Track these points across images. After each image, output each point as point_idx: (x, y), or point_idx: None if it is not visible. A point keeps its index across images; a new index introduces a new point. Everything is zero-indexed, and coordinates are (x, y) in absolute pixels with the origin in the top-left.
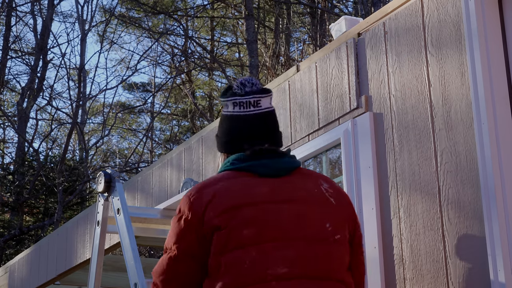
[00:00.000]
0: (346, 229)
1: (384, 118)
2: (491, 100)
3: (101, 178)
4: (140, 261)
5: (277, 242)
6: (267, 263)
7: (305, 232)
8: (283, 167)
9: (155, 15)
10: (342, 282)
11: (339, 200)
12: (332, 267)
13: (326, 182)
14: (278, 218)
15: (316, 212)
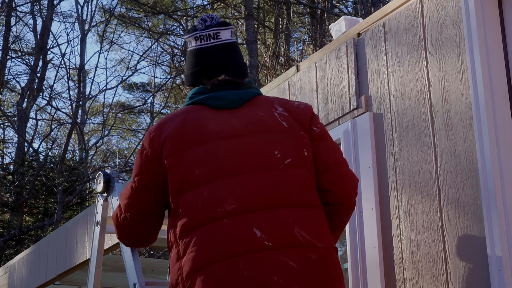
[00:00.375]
0: (301, 145)
1: (384, 118)
2: (490, 100)
3: (100, 178)
4: (139, 262)
5: (226, 179)
6: (218, 201)
7: (253, 164)
8: (237, 98)
9: (155, 15)
10: (299, 205)
11: (293, 117)
12: (283, 194)
13: (281, 105)
14: (227, 154)
15: (265, 142)
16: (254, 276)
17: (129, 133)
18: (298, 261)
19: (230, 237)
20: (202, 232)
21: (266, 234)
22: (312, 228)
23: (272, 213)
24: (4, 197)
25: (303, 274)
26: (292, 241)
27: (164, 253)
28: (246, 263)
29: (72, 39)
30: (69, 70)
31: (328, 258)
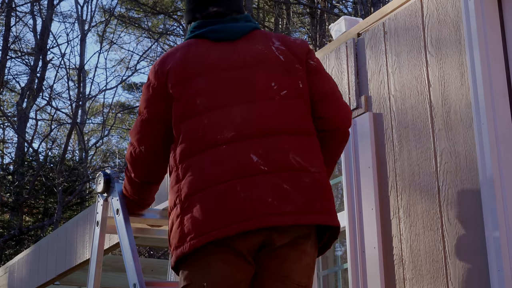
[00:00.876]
0: (297, 77)
1: (383, 118)
2: (490, 100)
3: (100, 178)
4: (139, 262)
5: (226, 108)
6: (217, 129)
7: (251, 95)
8: (236, 31)
9: (154, 15)
10: (294, 133)
11: (290, 51)
12: (279, 122)
13: (278, 40)
14: (227, 85)
15: (262, 74)
16: (250, 197)
17: (129, 133)
18: (292, 184)
19: (228, 162)
20: (202, 158)
21: (262, 159)
22: (306, 154)
23: (269, 140)
24: (4, 197)
25: (297, 196)
26: (287, 165)
27: (164, 253)
28: (243, 186)
29: (72, 39)
30: (69, 70)
31: (321, 182)
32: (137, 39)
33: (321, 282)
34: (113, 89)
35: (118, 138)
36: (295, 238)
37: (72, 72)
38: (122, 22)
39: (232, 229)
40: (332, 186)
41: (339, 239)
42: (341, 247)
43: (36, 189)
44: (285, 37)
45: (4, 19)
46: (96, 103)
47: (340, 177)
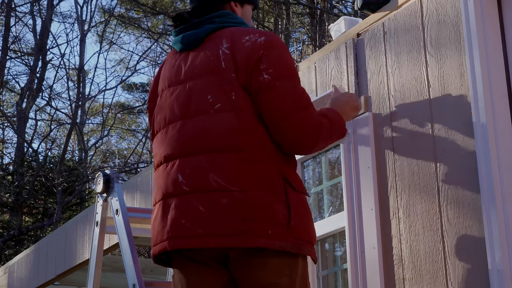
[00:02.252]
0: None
1: (383, 118)
2: (490, 101)
3: (100, 178)
4: (138, 262)
5: (170, 125)
6: (164, 147)
7: (189, 110)
8: (189, 41)
9: (154, 15)
10: (219, 150)
11: (234, 56)
12: (205, 139)
13: (228, 41)
14: (172, 101)
15: (201, 87)
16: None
17: (128, 134)
18: (207, 206)
19: (164, 181)
20: (156, 174)
21: (186, 179)
22: (229, 173)
23: (194, 159)
24: (3, 197)
25: (210, 218)
26: (205, 186)
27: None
28: (168, 205)
29: (71, 40)
30: (69, 70)
31: (242, 201)
32: (136, 39)
33: (320, 283)
34: (112, 89)
35: (118, 139)
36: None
37: (72, 72)
38: (122, 22)
39: (155, 249)
40: (332, 186)
41: (338, 239)
42: (341, 248)
43: (35, 189)
44: (241, 37)
45: (4, 19)
46: (95, 103)
47: (339, 177)
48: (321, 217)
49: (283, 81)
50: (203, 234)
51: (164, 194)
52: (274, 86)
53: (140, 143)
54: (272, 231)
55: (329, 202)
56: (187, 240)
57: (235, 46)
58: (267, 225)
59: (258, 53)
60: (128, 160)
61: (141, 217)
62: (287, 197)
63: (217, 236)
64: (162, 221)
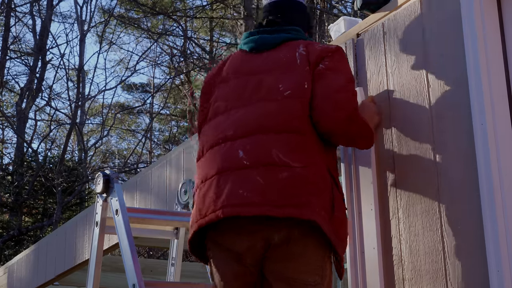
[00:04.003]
0: (304, 78)
1: (383, 118)
2: (490, 101)
3: (99, 179)
4: (138, 262)
5: (233, 110)
6: (223, 128)
7: (256, 97)
8: (265, 42)
9: (154, 15)
10: (284, 131)
11: (308, 55)
12: (271, 121)
13: (305, 46)
14: (241, 88)
15: (274, 78)
16: (227, 189)
17: (128, 134)
18: (266, 178)
19: (220, 158)
20: (208, 154)
21: (247, 155)
22: (291, 150)
23: (258, 137)
24: (3, 197)
25: (268, 188)
26: (267, 160)
27: (163, 254)
28: (225, 179)
29: (71, 40)
30: (68, 70)
31: (303, 176)
32: (136, 40)
33: None
34: (112, 89)
35: (118, 139)
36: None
37: (72, 72)
38: (122, 22)
39: (204, 221)
40: None
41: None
42: None
43: (35, 190)
44: (312, 43)
45: (4, 19)
46: (95, 103)
47: (339, 178)
48: None
49: (334, 73)
50: (260, 202)
51: (220, 169)
52: (325, 75)
53: (140, 144)
54: (323, 213)
55: None
56: (244, 207)
57: (310, 49)
58: (321, 207)
59: (326, 53)
60: (128, 160)
61: (141, 217)
62: (333, 196)
63: (275, 206)
64: (215, 193)
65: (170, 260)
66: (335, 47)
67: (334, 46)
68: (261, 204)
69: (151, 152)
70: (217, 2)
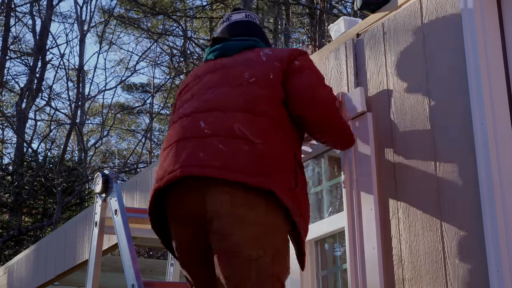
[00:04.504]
0: (270, 69)
1: (383, 118)
2: (490, 101)
3: (98, 179)
4: (137, 262)
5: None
6: (186, 108)
7: (222, 83)
8: (229, 48)
9: (154, 15)
10: (247, 111)
11: (274, 54)
12: (236, 101)
13: (270, 50)
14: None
15: (240, 68)
16: (186, 153)
17: (128, 134)
18: (227, 147)
19: (182, 128)
20: (171, 129)
21: (209, 126)
22: (253, 128)
23: (221, 113)
24: (3, 197)
25: (228, 155)
26: (229, 132)
27: (163, 254)
28: (186, 144)
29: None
30: (68, 70)
31: (265, 151)
32: (136, 40)
33: (320, 283)
34: (112, 89)
35: (118, 139)
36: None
37: (72, 72)
38: (122, 22)
39: (163, 182)
40: (332, 186)
41: (338, 240)
42: (340, 248)
43: (35, 190)
44: (278, 48)
45: (4, 19)
46: (95, 103)
47: (339, 178)
48: (320, 217)
49: (312, 70)
50: (220, 166)
51: (180, 138)
52: (302, 71)
53: (140, 144)
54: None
55: (329, 202)
56: (203, 169)
57: (276, 50)
58: (280, 181)
59: (296, 54)
60: (128, 160)
61: (140, 217)
62: (296, 175)
63: (233, 172)
64: (174, 156)
65: (169, 260)
66: (302, 50)
67: (300, 49)
68: (219, 167)
69: (151, 152)
70: (217, 2)
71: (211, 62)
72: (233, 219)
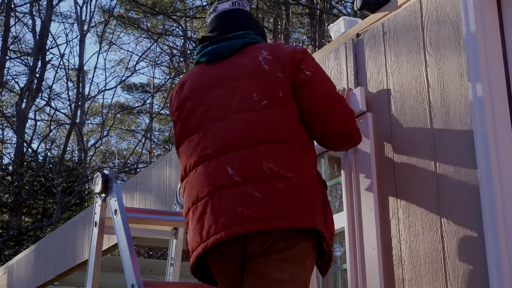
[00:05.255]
0: (278, 86)
1: (383, 118)
2: (489, 101)
3: (98, 179)
4: (137, 262)
5: (207, 126)
6: (202, 146)
7: (231, 109)
8: (222, 51)
9: (154, 15)
10: (269, 142)
11: (276, 59)
12: (254, 133)
13: (267, 50)
14: (211, 102)
15: (244, 86)
16: (224, 209)
17: (128, 134)
18: (263, 192)
19: (210, 179)
20: (191, 176)
21: (237, 171)
22: (280, 160)
23: (244, 152)
24: (3, 197)
25: (266, 202)
26: (260, 174)
27: (163, 254)
28: (220, 197)
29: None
30: (68, 70)
31: (299, 185)
32: (136, 40)
33: (320, 283)
34: (112, 89)
35: (117, 139)
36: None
37: (71, 72)
38: (122, 22)
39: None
40: (332, 186)
41: (338, 240)
42: (340, 248)
43: (35, 190)
44: (277, 46)
45: (4, 19)
46: (95, 103)
47: (339, 178)
48: None
49: (322, 78)
50: (260, 218)
51: (211, 189)
52: (312, 83)
53: (140, 144)
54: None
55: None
56: (246, 225)
57: (276, 52)
58: (317, 212)
59: (299, 56)
60: (128, 160)
61: (140, 217)
62: (323, 193)
63: (273, 218)
64: (213, 215)
65: (169, 260)
66: (303, 49)
67: (301, 47)
68: (260, 219)
69: (151, 152)
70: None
71: (206, 69)
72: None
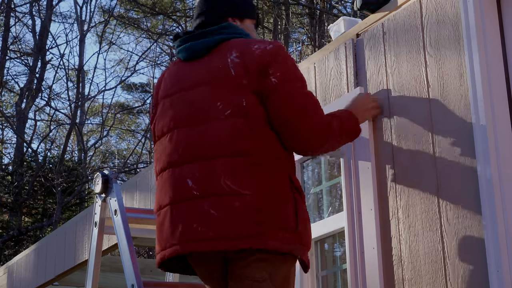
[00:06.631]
0: (241, 95)
1: (382, 118)
2: (489, 101)
3: (98, 179)
4: (137, 262)
5: (176, 131)
6: (165, 153)
7: (197, 116)
8: (197, 49)
9: (154, 15)
10: (230, 155)
11: (243, 63)
12: (216, 145)
13: (237, 50)
14: (177, 108)
15: (211, 93)
16: (182, 224)
17: (128, 134)
18: (219, 209)
19: (172, 187)
20: (159, 179)
21: (196, 184)
22: (240, 177)
23: (204, 164)
24: (3, 197)
25: (221, 220)
26: (217, 190)
27: None
28: (177, 210)
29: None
30: (68, 70)
31: (255, 203)
32: (136, 40)
33: (320, 283)
34: (112, 89)
35: (117, 139)
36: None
37: (71, 72)
38: (121, 22)
39: (164, 254)
40: (331, 186)
41: (338, 240)
42: (340, 248)
43: (35, 190)
44: (247, 46)
45: (3, 19)
46: (95, 103)
47: (339, 178)
48: (320, 217)
49: (290, 83)
50: (214, 237)
51: (172, 199)
52: (282, 89)
53: (140, 144)
54: (282, 234)
55: (329, 203)
56: (199, 243)
57: (245, 54)
58: (278, 228)
59: (267, 59)
60: (128, 160)
61: (140, 217)
62: (295, 202)
63: (229, 239)
64: (171, 226)
65: None
66: (275, 48)
67: (273, 46)
68: (215, 238)
69: (151, 152)
70: None
71: (182, 67)
72: (248, 263)
